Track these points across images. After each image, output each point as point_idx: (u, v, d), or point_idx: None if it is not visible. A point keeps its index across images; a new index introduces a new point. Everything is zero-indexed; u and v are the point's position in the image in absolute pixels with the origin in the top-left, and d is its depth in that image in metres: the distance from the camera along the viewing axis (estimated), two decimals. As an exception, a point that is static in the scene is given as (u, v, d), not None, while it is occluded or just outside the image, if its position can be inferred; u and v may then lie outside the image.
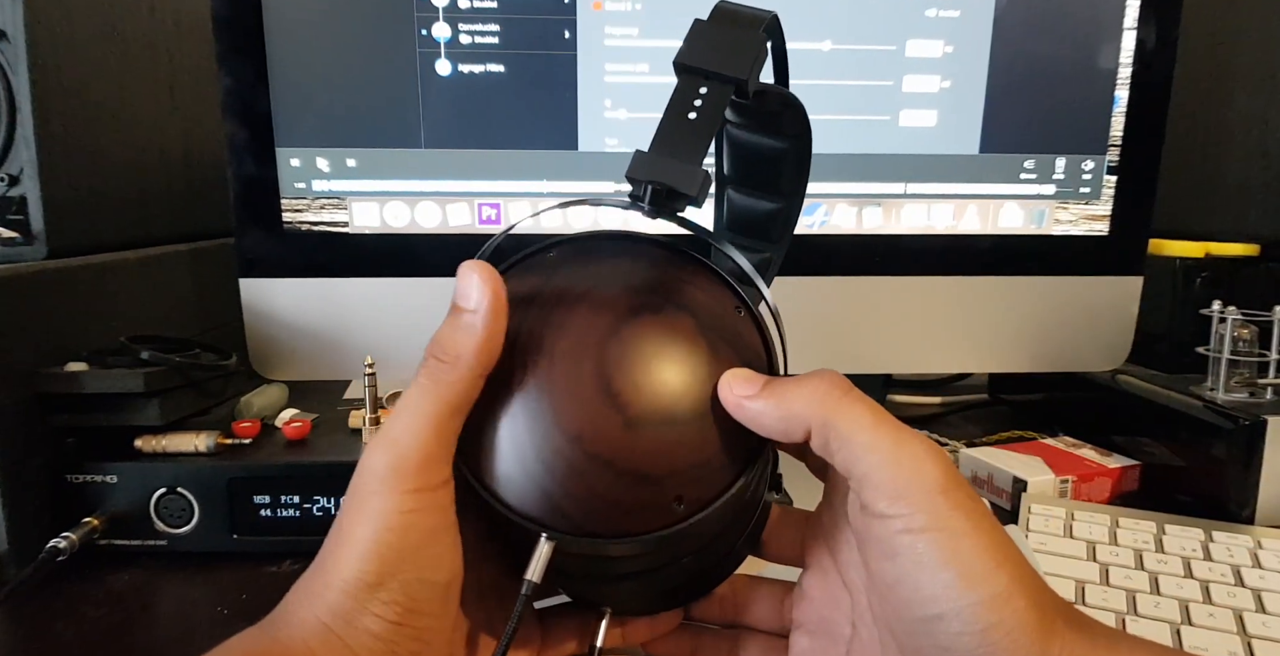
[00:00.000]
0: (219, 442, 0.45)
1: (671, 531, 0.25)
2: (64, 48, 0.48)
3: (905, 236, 0.53)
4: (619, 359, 0.26)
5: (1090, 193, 0.54)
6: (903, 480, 0.24)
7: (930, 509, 0.24)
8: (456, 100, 0.49)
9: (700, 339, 0.27)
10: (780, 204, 0.34)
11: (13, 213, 0.47)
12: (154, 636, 0.38)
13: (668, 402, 0.26)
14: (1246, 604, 0.38)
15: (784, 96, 0.30)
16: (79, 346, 0.45)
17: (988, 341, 0.55)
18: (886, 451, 0.24)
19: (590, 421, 0.25)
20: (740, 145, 0.32)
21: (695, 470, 0.26)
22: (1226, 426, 0.47)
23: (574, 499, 0.25)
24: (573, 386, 0.26)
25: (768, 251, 0.35)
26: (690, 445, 0.26)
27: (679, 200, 0.25)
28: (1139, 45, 0.51)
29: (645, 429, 0.25)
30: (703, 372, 0.26)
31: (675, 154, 0.24)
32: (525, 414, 0.26)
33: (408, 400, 0.26)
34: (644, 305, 0.27)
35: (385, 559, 0.25)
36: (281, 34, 0.48)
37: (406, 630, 0.25)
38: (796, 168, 0.33)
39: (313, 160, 0.50)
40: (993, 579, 0.23)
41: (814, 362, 0.54)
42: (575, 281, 0.28)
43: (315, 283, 0.51)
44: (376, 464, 0.25)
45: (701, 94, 0.25)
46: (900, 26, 0.50)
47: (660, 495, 0.25)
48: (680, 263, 0.29)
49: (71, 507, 0.43)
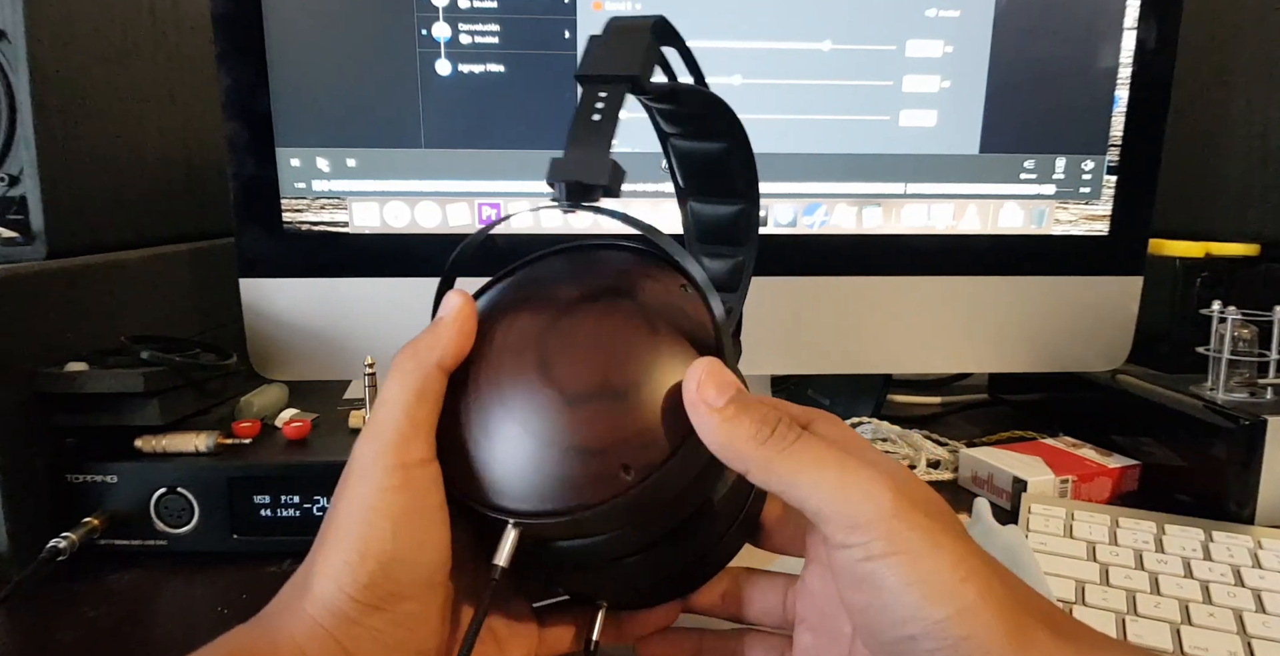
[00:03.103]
0: (219, 442, 0.45)
1: (625, 499, 0.26)
2: (64, 48, 0.48)
3: (905, 236, 0.53)
4: (557, 344, 0.28)
5: (1090, 192, 0.54)
6: (854, 510, 0.24)
7: (886, 534, 0.24)
8: (456, 100, 0.49)
9: (636, 316, 0.29)
10: (740, 204, 0.35)
11: (13, 213, 0.47)
12: (154, 636, 0.38)
13: (604, 376, 0.27)
14: (1246, 604, 0.38)
15: (703, 95, 0.31)
16: (79, 346, 0.45)
17: (988, 341, 0.55)
18: (833, 485, 0.25)
19: (532, 405, 0.27)
20: (684, 155, 0.34)
21: (639, 437, 0.26)
22: (1227, 426, 0.47)
23: (527, 482, 0.26)
24: (516, 376, 0.28)
25: (740, 255, 0.36)
26: (631, 414, 0.27)
27: (592, 192, 0.26)
28: (1139, 45, 0.51)
29: (584, 404, 0.27)
30: (639, 345, 0.28)
31: (584, 151, 0.26)
32: (479, 409, 0.28)
33: (381, 394, 0.28)
34: (584, 295, 0.30)
35: (367, 538, 0.26)
36: (281, 34, 0.48)
37: (389, 615, 0.26)
38: (743, 166, 0.34)
39: (313, 160, 0.50)
40: (958, 594, 0.23)
41: (814, 362, 0.54)
42: (532, 289, 0.31)
43: (315, 283, 0.51)
44: (361, 451, 0.27)
45: (601, 97, 0.27)
46: (900, 26, 0.50)
47: (607, 466, 0.26)
48: (629, 257, 0.31)
49: (71, 507, 0.43)
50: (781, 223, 0.53)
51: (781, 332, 0.54)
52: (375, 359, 0.46)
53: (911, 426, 0.62)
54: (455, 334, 0.29)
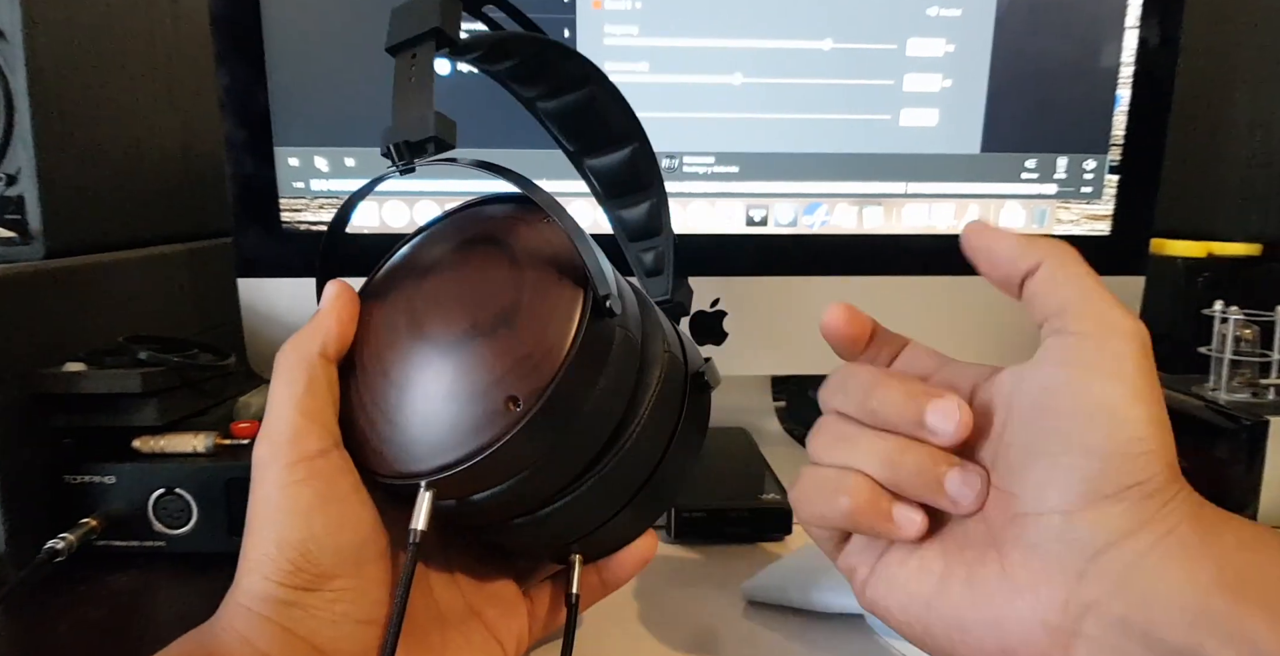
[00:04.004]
0: (217, 443, 0.45)
1: (521, 431, 0.25)
2: (62, 47, 0.48)
3: (906, 236, 0.53)
4: (422, 302, 0.28)
5: (1092, 192, 0.54)
6: (1100, 324, 0.26)
7: (1117, 354, 0.25)
8: (455, 100, 0.49)
9: (495, 254, 0.28)
10: (629, 145, 0.34)
11: (10, 212, 0.47)
12: (152, 637, 0.37)
13: (470, 317, 0.27)
14: (1249, 605, 0.37)
15: (534, 41, 0.30)
16: (77, 346, 0.44)
17: (989, 341, 0.55)
18: (1095, 301, 0.26)
19: (410, 364, 0.27)
20: (554, 114, 0.33)
21: (518, 366, 0.26)
22: (1229, 427, 0.47)
23: (423, 441, 0.26)
24: (393, 343, 0.28)
25: (651, 196, 0.36)
26: (503, 346, 0.26)
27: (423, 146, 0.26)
28: (1141, 44, 0.51)
29: (456, 349, 0.26)
30: (499, 278, 0.27)
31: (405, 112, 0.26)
32: (368, 385, 0.28)
33: (269, 395, 0.28)
34: (445, 252, 0.29)
35: (279, 530, 0.26)
36: (280, 33, 0.48)
37: (323, 595, 0.26)
38: (612, 105, 0.33)
39: (311, 159, 0.50)
40: (1158, 412, 0.26)
41: (815, 362, 0.54)
42: (402, 262, 0.31)
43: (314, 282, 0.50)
44: (259, 455, 0.27)
45: (412, 59, 0.26)
46: (901, 25, 0.50)
47: (491, 402, 0.25)
48: (488, 207, 0.31)
49: (69, 508, 0.43)
50: (782, 222, 0.52)
51: (782, 332, 0.54)
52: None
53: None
54: (334, 321, 0.29)
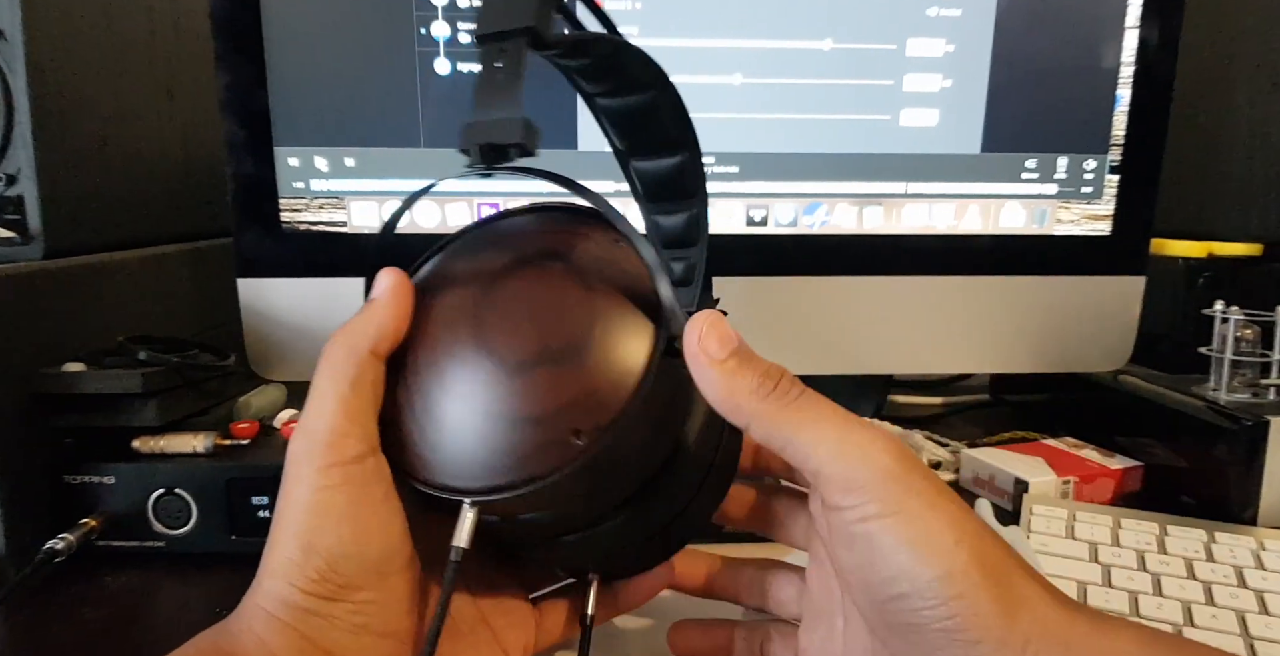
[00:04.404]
0: (217, 443, 0.45)
1: (578, 464, 0.25)
2: (62, 47, 0.48)
3: (906, 236, 0.53)
4: (490, 314, 0.27)
5: (1092, 192, 0.54)
6: (852, 470, 0.24)
7: (882, 495, 0.24)
8: (456, 99, 0.49)
9: (569, 276, 0.28)
10: (680, 155, 0.34)
11: (10, 212, 0.47)
12: (152, 637, 0.37)
13: (542, 341, 0.26)
14: (1249, 605, 0.38)
15: (614, 44, 0.30)
16: (76, 346, 0.44)
17: (989, 342, 0.55)
18: (833, 443, 0.25)
19: (472, 378, 0.26)
20: (612, 113, 0.33)
21: (586, 399, 0.26)
22: (1229, 427, 0.47)
23: (476, 458, 0.26)
24: (453, 351, 0.27)
25: (693, 207, 0.35)
26: (574, 377, 0.26)
27: (507, 152, 0.25)
28: (1141, 44, 0.51)
29: (525, 372, 0.26)
30: (575, 305, 0.27)
31: (492, 112, 0.25)
32: (421, 390, 0.27)
33: (312, 386, 0.27)
34: (514, 261, 0.29)
35: (308, 537, 0.25)
36: (280, 33, 0.48)
37: (345, 605, 0.26)
38: (674, 114, 0.33)
39: (311, 159, 0.50)
40: (950, 555, 0.23)
41: (815, 362, 0.54)
42: (460, 263, 0.30)
43: (314, 282, 0.51)
44: (294, 451, 0.26)
45: (501, 53, 0.26)
46: (901, 25, 0.50)
47: (556, 432, 0.25)
48: (559, 218, 0.30)
49: (69, 508, 0.43)
50: (782, 222, 0.52)
51: (781, 332, 0.54)
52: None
53: (913, 427, 0.62)
54: (389, 316, 0.27)
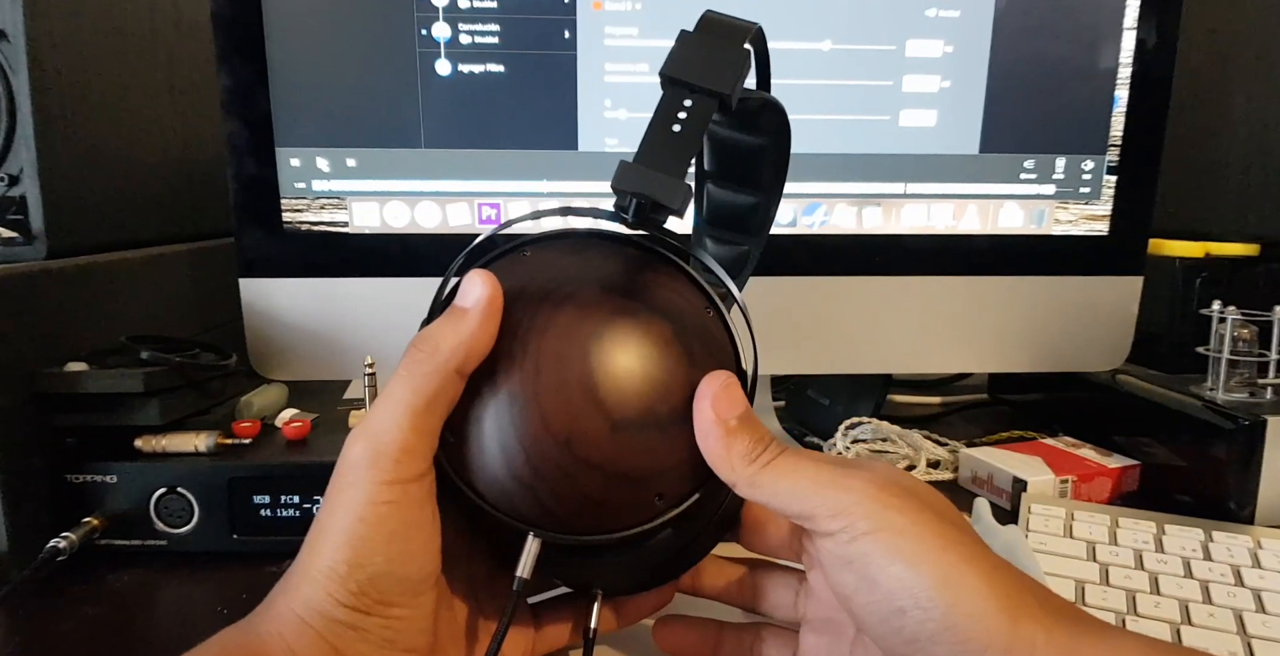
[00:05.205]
0: (219, 442, 0.45)
1: (653, 525, 0.27)
2: (64, 48, 0.48)
3: (905, 236, 0.53)
4: (602, 364, 0.27)
5: (1090, 192, 0.54)
6: (836, 500, 0.25)
7: (868, 514, 0.25)
8: (456, 100, 0.49)
9: (676, 342, 0.28)
10: (759, 198, 0.34)
11: (12, 212, 0.47)
12: (154, 636, 0.37)
13: (649, 406, 0.27)
14: (1246, 604, 0.38)
15: (764, 99, 0.30)
16: (79, 346, 0.45)
17: (988, 341, 0.55)
18: (809, 485, 0.26)
19: (577, 425, 0.26)
20: (720, 141, 0.33)
21: (676, 468, 0.27)
22: (1226, 426, 0.47)
23: (561, 499, 0.26)
24: (559, 390, 0.26)
25: (746, 245, 0.35)
26: (669, 445, 0.27)
27: (661, 212, 0.25)
28: (1139, 45, 0.51)
29: (629, 432, 0.27)
30: (680, 376, 0.28)
31: (659, 166, 0.25)
32: (511, 415, 0.26)
33: (387, 391, 0.26)
34: (623, 308, 0.28)
35: (356, 550, 0.25)
36: (281, 34, 0.48)
37: (377, 620, 0.26)
38: (775, 164, 0.33)
39: (313, 160, 0.50)
40: (941, 562, 0.24)
41: (814, 362, 0.54)
42: (554, 284, 0.29)
43: (315, 282, 0.51)
44: (355, 455, 0.26)
45: (686, 107, 0.25)
46: (900, 26, 0.50)
47: (643, 493, 0.27)
48: (653, 263, 0.30)
49: (71, 507, 0.43)
50: (781, 222, 0.52)
51: (781, 333, 0.54)
52: (375, 359, 0.46)
53: (911, 426, 0.62)
54: (483, 333, 0.26)
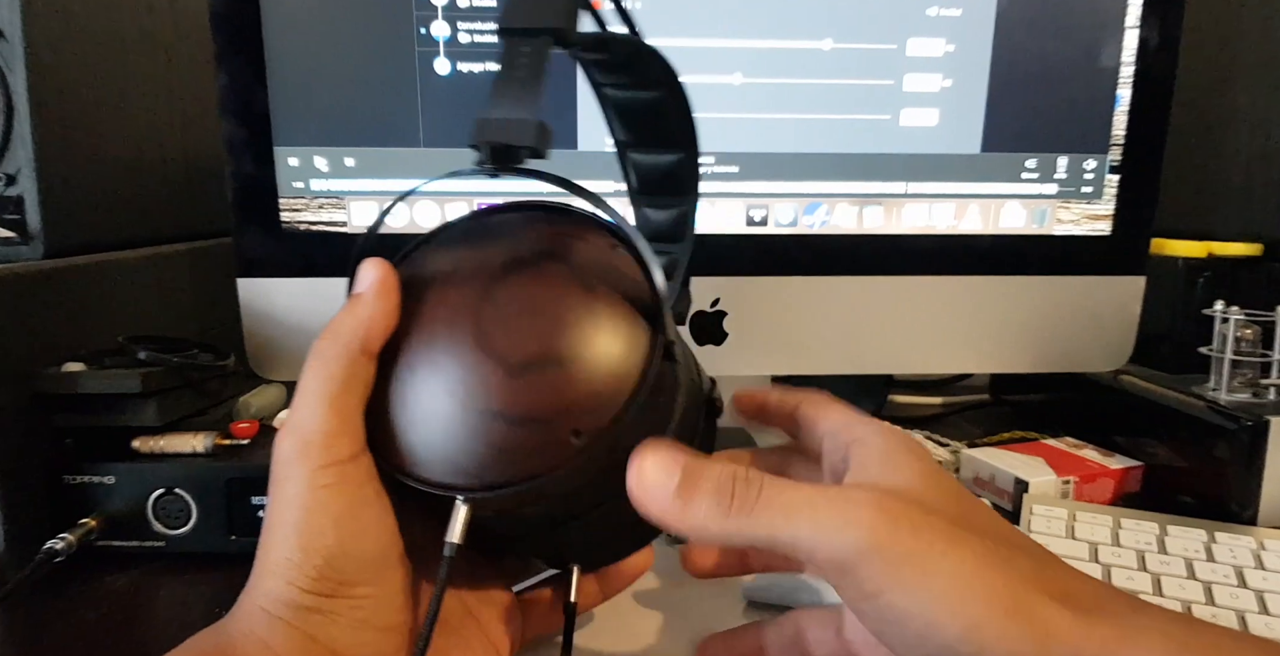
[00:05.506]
0: (217, 443, 0.45)
1: (576, 463, 0.26)
2: (62, 47, 0.48)
3: (906, 236, 0.53)
4: (492, 314, 0.27)
5: (1092, 192, 0.54)
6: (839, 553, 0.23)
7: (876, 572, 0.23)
8: (456, 99, 0.49)
9: (571, 279, 0.28)
10: (678, 154, 0.34)
11: (10, 212, 0.47)
12: (151, 637, 0.37)
13: (545, 343, 0.27)
14: (1249, 605, 0.38)
15: (635, 44, 0.30)
16: (76, 346, 0.44)
17: (989, 342, 0.55)
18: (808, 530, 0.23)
19: (473, 379, 0.26)
20: (620, 105, 0.33)
21: (586, 401, 0.26)
22: (1229, 427, 0.47)
23: (473, 456, 0.26)
24: (453, 350, 0.27)
25: (684, 205, 0.36)
26: (574, 378, 0.26)
27: (518, 153, 0.25)
28: (1141, 44, 0.51)
29: (528, 373, 0.26)
30: (577, 309, 0.27)
31: (509, 111, 0.25)
32: (415, 386, 0.27)
33: (300, 385, 0.27)
34: (514, 262, 0.29)
35: (306, 536, 0.25)
36: (280, 33, 0.48)
37: (344, 602, 0.26)
38: (680, 113, 0.33)
39: (311, 159, 0.50)
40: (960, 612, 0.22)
41: (814, 362, 0.54)
42: (453, 258, 0.30)
43: (314, 282, 0.50)
44: (284, 451, 0.26)
45: (524, 51, 0.26)
46: (901, 25, 0.50)
47: (557, 432, 0.26)
48: (556, 218, 0.31)
49: (69, 508, 0.43)
50: (782, 222, 0.52)
51: (781, 332, 0.54)
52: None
53: (913, 427, 0.62)
54: (379, 312, 0.27)
